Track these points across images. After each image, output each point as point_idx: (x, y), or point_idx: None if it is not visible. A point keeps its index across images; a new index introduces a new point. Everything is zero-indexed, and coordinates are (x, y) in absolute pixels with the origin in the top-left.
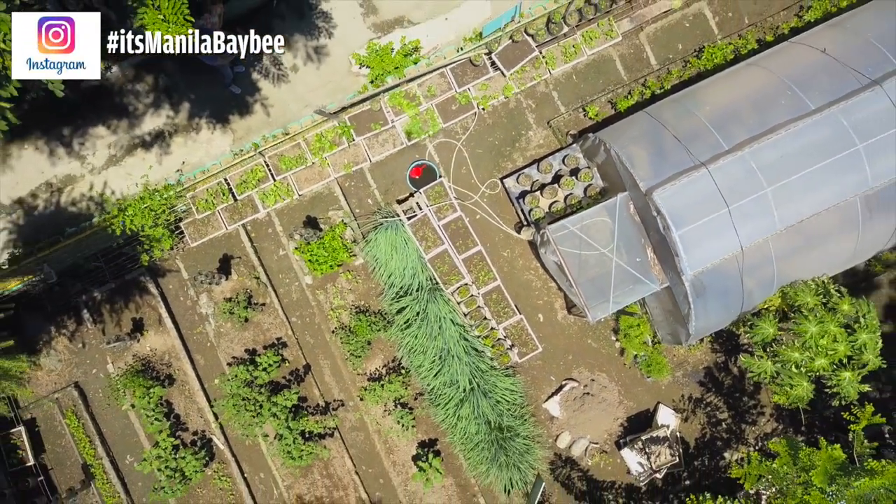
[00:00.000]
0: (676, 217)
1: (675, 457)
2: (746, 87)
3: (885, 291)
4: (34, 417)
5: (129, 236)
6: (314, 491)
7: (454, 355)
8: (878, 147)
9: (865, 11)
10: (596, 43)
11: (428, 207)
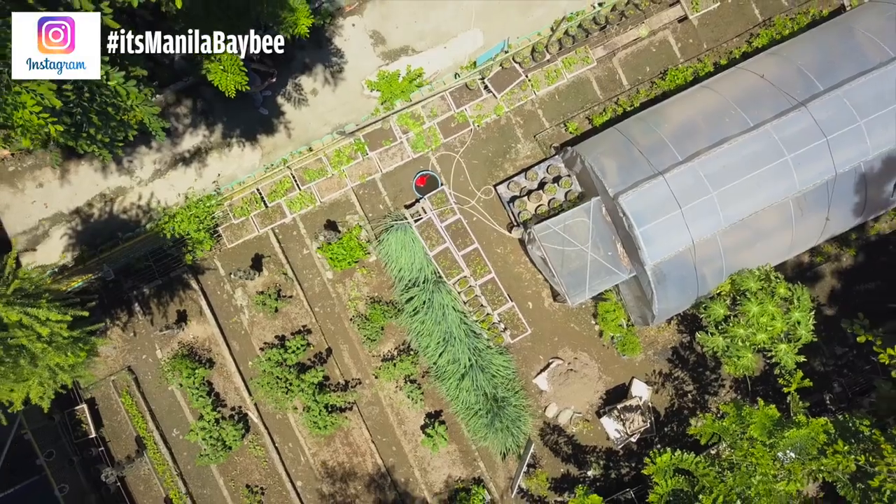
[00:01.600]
0: (638, 217)
1: (648, 423)
2: (699, 106)
3: (827, 280)
4: (93, 397)
5: (176, 239)
6: (336, 457)
7: (456, 337)
8: (804, 157)
9: (797, 42)
10: (574, 68)
11: (432, 211)
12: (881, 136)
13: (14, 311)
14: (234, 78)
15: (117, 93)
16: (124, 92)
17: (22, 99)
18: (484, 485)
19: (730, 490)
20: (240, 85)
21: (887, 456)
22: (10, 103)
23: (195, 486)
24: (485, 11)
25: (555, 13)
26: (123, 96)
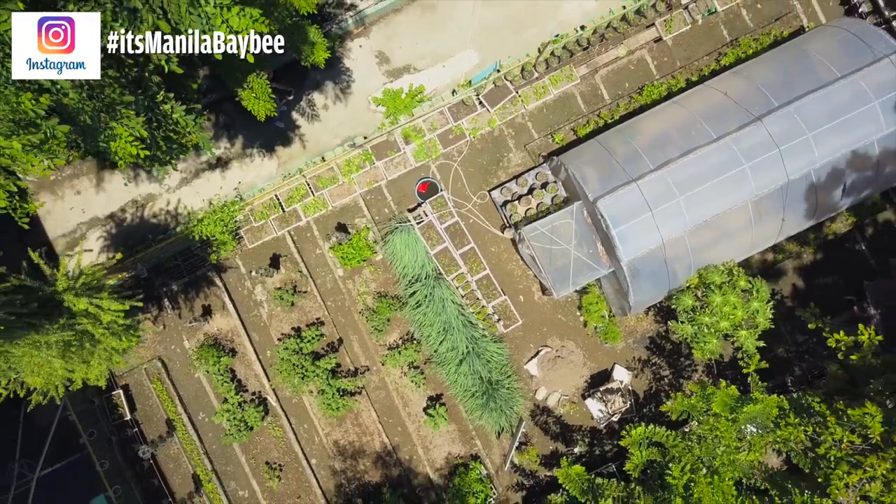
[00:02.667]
0: (615, 219)
1: (628, 404)
2: (669, 120)
3: (790, 275)
4: (127, 384)
5: (203, 240)
6: (347, 437)
7: (454, 327)
8: (760, 166)
9: (757, 62)
10: (560, 84)
11: (432, 214)
12: (827, 147)
13: (82, 301)
14: (265, 105)
15: (178, 122)
16: (184, 122)
17: (118, 132)
18: (481, 460)
19: (697, 459)
20: (269, 111)
21: (831, 426)
22: (108, 136)
23: (220, 463)
24: (479, 34)
25: (542, 35)
26: (183, 125)
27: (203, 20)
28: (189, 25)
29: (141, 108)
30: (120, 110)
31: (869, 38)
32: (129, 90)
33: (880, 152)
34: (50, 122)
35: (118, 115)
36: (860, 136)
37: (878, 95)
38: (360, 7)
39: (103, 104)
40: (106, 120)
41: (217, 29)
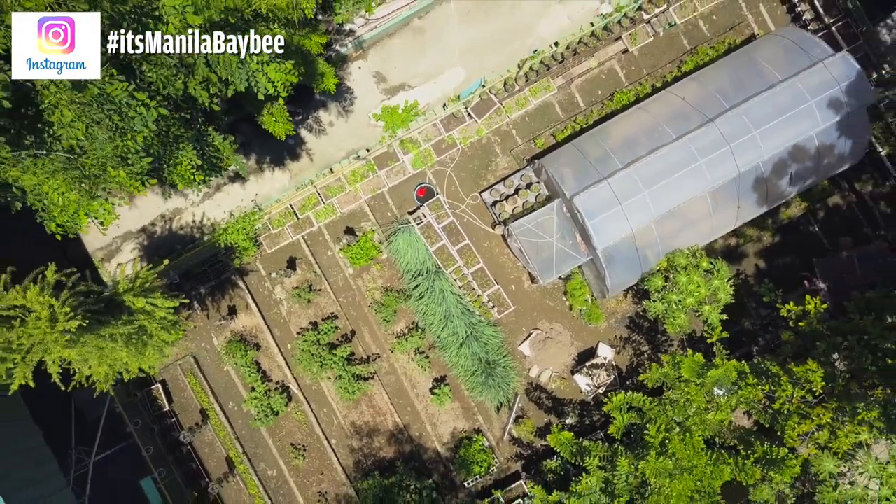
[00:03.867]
0: (589, 213)
1: (612, 378)
2: (635, 124)
3: (751, 257)
4: (164, 379)
5: (227, 247)
6: (362, 418)
7: (454, 315)
8: (714, 161)
9: (711, 69)
10: (539, 95)
11: (430, 216)
12: (772, 142)
13: (140, 301)
14: (284, 126)
15: (218, 149)
16: (223, 149)
17: (180, 160)
18: (483, 433)
19: (670, 420)
20: (288, 131)
21: (784, 384)
22: (172, 164)
23: (249, 446)
24: (465, 53)
25: (521, 52)
26: (222, 151)
27: (248, 74)
28: (236, 79)
29: (193, 141)
30: (181, 144)
31: (806, 45)
32: (185, 127)
33: (819, 145)
34: (145, 158)
35: (180, 148)
36: (800, 132)
37: (814, 95)
38: (359, 33)
39: (169, 139)
40: (171, 152)
41: (259, 81)
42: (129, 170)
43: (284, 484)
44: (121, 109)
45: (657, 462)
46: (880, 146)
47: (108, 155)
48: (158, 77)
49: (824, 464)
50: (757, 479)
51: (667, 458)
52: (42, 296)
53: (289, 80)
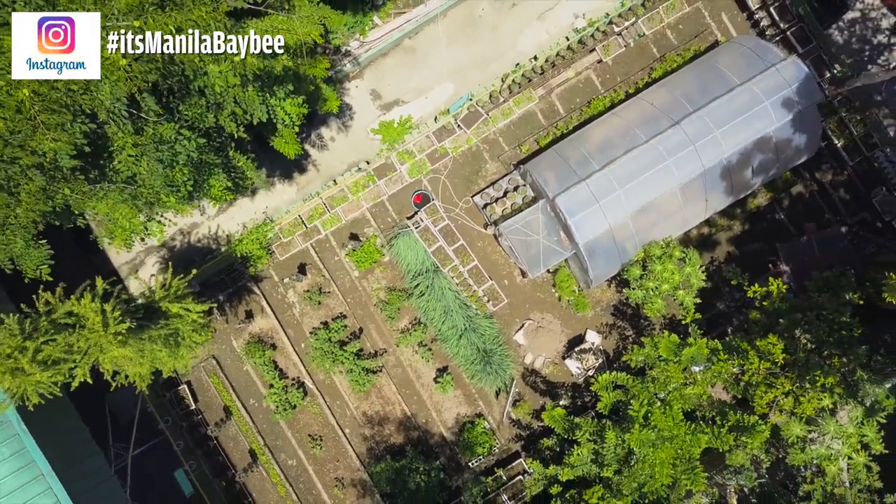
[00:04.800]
0: (570, 211)
1: (600, 361)
2: (609, 129)
3: (723, 245)
4: (189, 380)
5: (242, 257)
6: (373, 408)
7: (453, 309)
8: (681, 160)
9: (676, 76)
10: (522, 104)
11: (427, 220)
12: (732, 141)
13: (175, 306)
14: (293, 147)
15: (243, 169)
16: (248, 169)
17: (212, 183)
18: (484, 417)
19: (652, 395)
20: (297, 151)
21: (751, 358)
22: (206, 186)
23: (270, 439)
24: (452, 69)
25: (504, 66)
26: (245, 170)
27: (268, 108)
28: (259, 112)
29: (222, 166)
30: (213, 170)
31: (761, 51)
32: (215, 153)
33: (776, 141)
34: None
35: (213, 172)
36: (757, 130)
37: (769, 97)
38: (355, 54)
39: (203, 165)
40: (206, 178)
41: (277, 114)
42: (178, 195)
43: (304, 472)
44: (172, 147)
45: (640, 433)
46: (836, 138)
47: (161, 184)
48: (193, 114)
49: (792, 428)
50: (731, 444)
51: (649, 429)
52: (94, 304)
53: (301, 111)
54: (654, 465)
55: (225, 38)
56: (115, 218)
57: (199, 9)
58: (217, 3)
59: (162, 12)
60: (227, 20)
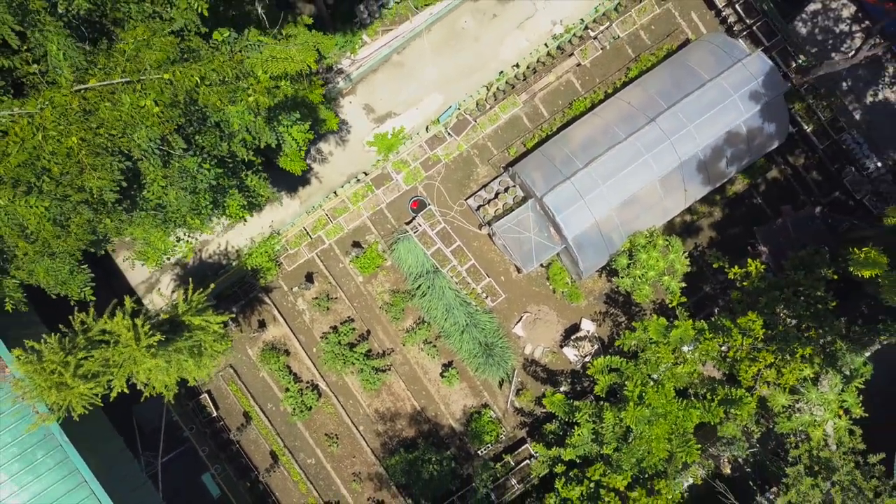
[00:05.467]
0: (557, 209)
1: (596, 347)
2: (590, 128)
3: (706, 231)
4: (209, 389)
5: (253, 270)
6: (384, 405)
7: (454, 307)
8: (658, 154)
9: (650, 75)
10: (508, 110)
11: (424, 224)
12: (705, 133)
13: (197, 319)
14: (299, 164)
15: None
16: (261, 188)
17: (229, 203)
18: (489, 407)
19: (645, 376)
20: (303, 168)
21: (734, 335)
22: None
23: (289, 440)
24: (440, 81)
25: (488, 75)
26: (258, 189)
27: (277, 134)
28: (269, 139)
29: (237, 188)
30: (230, 192)
31: (728, 48)
32: (230, 177)
33: (747, 130)
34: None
35: (230, 195)
36: (728, 122)
37: (736, 90)
38: (347, 71)
39: (220, 188)
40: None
41: (286, 139)
42: (201, 217)
43: (322, 469)
44: (194, 176)
45: (636, 411)
46: (805, 124)
47: (187, 209)
48: (208, 143)
49: (777, 398)
50: (721, 417)
51: (644, 407)
52: (125, 321)
53: (308, 137)
54: (650, 441)
55: (289, 143)
56: (150, 241)
57: (217, 59)
58: (232, 52)
59: (186, 65)
60: (241, 66)
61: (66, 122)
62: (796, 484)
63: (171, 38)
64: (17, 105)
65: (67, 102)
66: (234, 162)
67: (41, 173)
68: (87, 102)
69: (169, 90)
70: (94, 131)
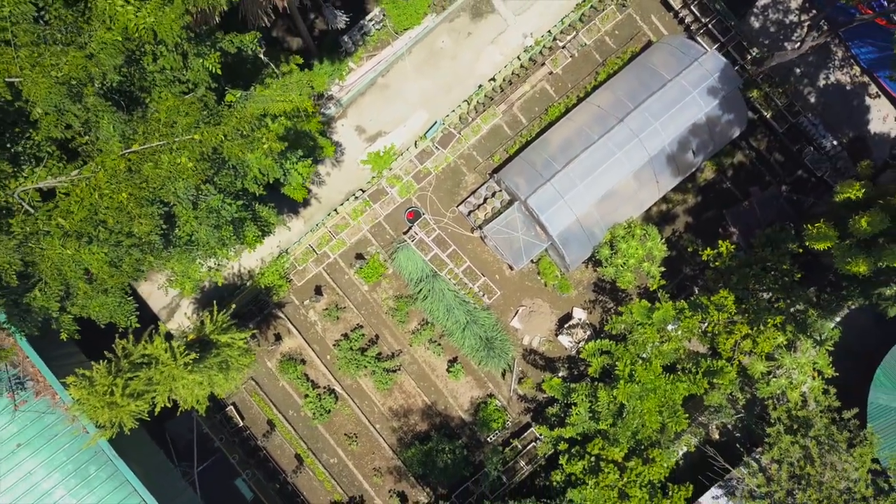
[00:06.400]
0: (540, 209)
1: (588, 333)
2: (565, 132)
3: (682, 217)
4: (234, 401)
5: (266, 288)
6: (397, 403)
7: (454, 307)
8: (629, 151)
9: (617, 78)
10: (489, 121)
11: (421, 232)
12: (670, 129)
13: (224, 336)
14: (301, 192)
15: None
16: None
17: (246, 233)
18: (495, 396)
19: (634, 355)
20: (305, 196)
21: (711, 311)
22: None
23: (311, 442)
24: (423, 98)
25: (467, 90)
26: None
27: (284, 170)
28: (276, 174)
29: (251, 219)
30: (246, 223)
31: (685, 49)
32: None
33: (708, 123)
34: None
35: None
36: (690, 117)
37: (695, 87)
38: (338, 97)
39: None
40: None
41: (292, 174)
42: (226, 249)
43: (345, 467)
44: (219, 213)
45: (626, 388)
46: (764, 111)
47: (215, 242)
48: (225, 182)
49: (756, 366)
50: (706, 387)
51: (634, 384)
52: (163, 343)
53: (312, 171)
54: (642, 415)
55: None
56: (188, 273)
57: (235, 118)
58: (244, 108)
59: (212, 126)
60: (256, 119)
61: (117, 181)
62: (777, 441)
63: (196, 104)
64: (74, 170)
65: (117, 165)
66: (247, 196)
67: (98, 225)
68: (132, 163)
69: (199, 148)
70: (139, 187)
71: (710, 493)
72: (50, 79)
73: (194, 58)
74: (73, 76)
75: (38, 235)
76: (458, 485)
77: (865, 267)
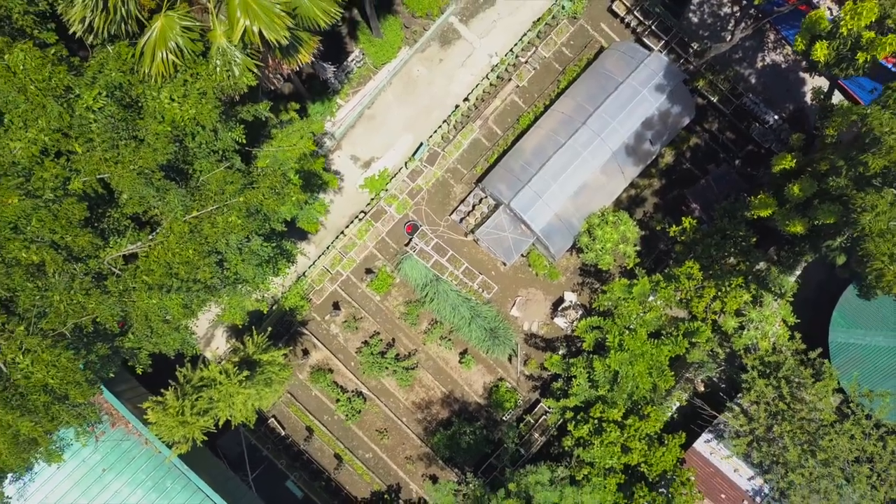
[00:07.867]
0: (522, 209)
1: (580, 313)
2: (537, 138)
3: (650, 199)
4: (274, 414)
5: (290, 309)
6: (418, 396)
7: (458, 305)
8: (593, 150)
9: (575, 85)
10: (468, 136)
11: (420, 243)
12: (627, 125)
13: (265, 355)
14: (315, 226)
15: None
16: (291, 248)
17: (280, 266)
18: (504, 379)
19: (621, 327)
20: (317, 229)
21: (682, 280)
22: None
23: (347, 441)
24: (407, 123)
25: (445, 111)
26: (291, 250)
27: (298, 210)
28: (296, 213)
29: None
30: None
31: (631, 52)
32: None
33: (660, 116)
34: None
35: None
36: (643, 112)
37: (644, 86)
38: (331, 132)
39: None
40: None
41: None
42: (266, 282)
43: (380, 460)
44: (258, 253)
45: (618, 356)
46: (711, 96)
47: (260, 278)
48: (256, 226)
49: (728, 323)
50: (686, 347)
51: (624, 352)
52: (217, 366)
53: (325, 208)
54: (634, 378)
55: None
56: (242, 305)
57: (268, 180)
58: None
59: (253, 190)
60: (283, 177)
61: (183, 241)
62: (753, 385)
63: (237, 174)
64: (148, 236)
65: (182, 229)
66: (275, 236)
67: (173, 277)
68: (193, 226)
69: (245, 207)
70: (200, 243)
71: (703, 438)
72: (132, 172)
73: (223, 132)
74: (145, 167)
75: (129, 291)
76: (482, 461)
77: (802, 227)
